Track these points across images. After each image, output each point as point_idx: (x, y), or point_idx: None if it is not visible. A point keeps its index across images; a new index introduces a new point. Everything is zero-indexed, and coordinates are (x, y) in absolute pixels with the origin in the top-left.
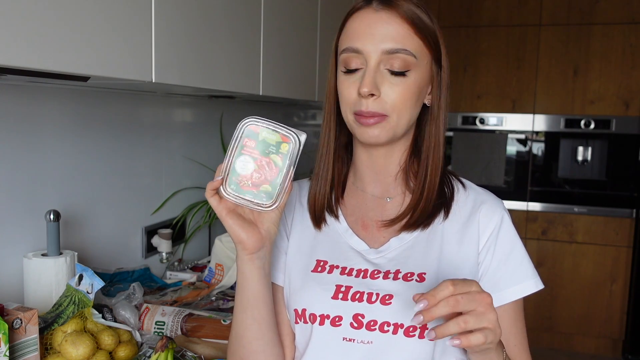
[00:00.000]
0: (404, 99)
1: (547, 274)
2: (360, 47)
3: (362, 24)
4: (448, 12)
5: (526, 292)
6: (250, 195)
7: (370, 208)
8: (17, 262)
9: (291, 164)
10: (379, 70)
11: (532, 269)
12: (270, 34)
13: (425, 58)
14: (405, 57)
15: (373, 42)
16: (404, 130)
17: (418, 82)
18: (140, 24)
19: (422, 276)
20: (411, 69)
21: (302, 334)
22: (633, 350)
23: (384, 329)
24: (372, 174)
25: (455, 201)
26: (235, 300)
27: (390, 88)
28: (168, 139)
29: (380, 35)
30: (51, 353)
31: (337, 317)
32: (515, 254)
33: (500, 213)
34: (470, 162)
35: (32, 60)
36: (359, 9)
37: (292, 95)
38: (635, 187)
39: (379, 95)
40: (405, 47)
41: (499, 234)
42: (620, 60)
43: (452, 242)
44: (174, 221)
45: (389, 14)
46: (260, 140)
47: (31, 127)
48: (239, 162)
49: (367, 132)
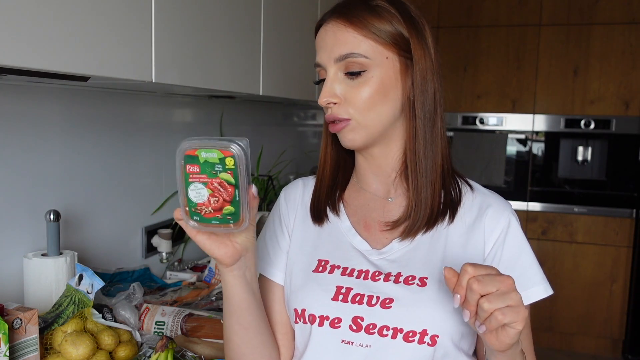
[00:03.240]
0: (364, 98)
1: (547, 274)
2: (319, 61)
3: (319, 39)
4: (448, 12)
5: (534, 298)
6: (216, 221)
7: (373, 208)
8: (17, 262)
9: (244, 175)
10: (337, 77)
11: (541, 274)
12: (270, 34)
13: (382, 54)
14: (356, 60)
15: (325, 53)
16: (379, 129)
17: (378, 80)
18: (140, 24)
19: (423, 280)
20: (367, 69)
21: (302, 334)
22: (633, 350)
23: (382, 333)
24: (372, 174)
25: (461, 205)
26: (223, 306)
27: (349, 91)
28: (168, 139)
29: (329, 46)
30: (51, 353)
31: (337, 318)
32: (524, 259)
33: (507, 217)
34: (470, 162)
35: (32, 60)
36: (319, 27)
37: (292, 95)
38: (635, 187)
39: (340, 101)
40: (353, 51)
41: (506, 239)
42: (620, 60)
43: (457, 246)
44: (174, 221)
45: (335, 24)
46: (202, 163)
47: (31, 127)
48: (191, 192)
49: (342, 137)
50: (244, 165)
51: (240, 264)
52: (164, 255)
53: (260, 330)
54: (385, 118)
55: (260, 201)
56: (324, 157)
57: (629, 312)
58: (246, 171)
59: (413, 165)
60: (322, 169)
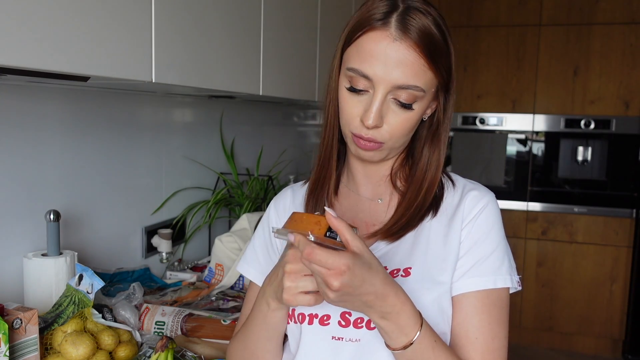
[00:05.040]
0: (403, 129)
1: (547, 274)
2: (371, 75)
3: (376, 50)
4: (448, 12)
5: (480, 286)
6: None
7: (361, 209)
8: (17, 262)
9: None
10: (386, 101)
11: (501, 264)
12: (270, 34)
13: (434, 86)
14: (415, 92)
15: (385, 73)
16: (398, 152)
17: (421, 112)
18: (140, 24)
19: (407, 271)
20: (417, 100)
21: (293, 334)
22: (633, 350)
23: (370, 326)
24: (364, 177)
25: (443, 200)
26: (259, 333)
27: (394, 118)
28: (168, 139)
29: (393, 68)
30: (51, 353)
31: (325, 315)
32: (487, 245)
33: (485, 201)
34: (470, 162)
35: (32, 60)
36: (375, 28)
37: (292, 95)
38: (635, 187)
39: (381, 126)
40: (417, 84)
41: (477, 219)
42: (620, 60)
43: (439, 236)
44: (174, 221)
45: (406, 45)
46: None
47: (31, 127)
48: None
49: (362, 152)
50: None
51: None
52: (164, 255)
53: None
54: (407, 143)
55: (260, 202)
56: (328, 163)
57: (629, 312)
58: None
59: (412, 171)
60: (324, 172)
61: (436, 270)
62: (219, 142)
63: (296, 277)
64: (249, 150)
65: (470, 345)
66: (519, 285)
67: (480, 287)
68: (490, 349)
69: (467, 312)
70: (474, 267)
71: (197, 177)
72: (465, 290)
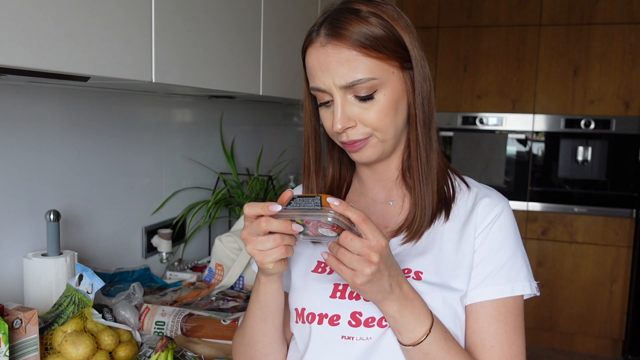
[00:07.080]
0: (380, 118)
1: (547, 274)
2: (322, 87)
3: (315, 63)
4: (448, 12)
5: (497, 295)
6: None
7: (373, 212)
8: (17, 262)
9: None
10: (346, 101)
11: (518, 271)
12: (270, 34)
13: (388, 70)
14: (366, 84)
15: (330, 79)
16: (393, 143)
17: (390, 96)
18: (140, 24)
19: (418, 274)
20: (377, 89)
21: (302, 333)
22: (633, 350)
23: (382, 324)
24: (374, 181)
25: (455, 202)
26: (254, 312)
27: (364, 113)
28: (168, 139)
29: (334, 72)
30: (51, 353)
31: (335, 315)
32: (502, 253)
33: (500, 207)
34: (470, 162)
35: (32, 60)
36: (309, 43)
37: (292, 95)
38: (635, 187)
39: (355, 124)
40: (362, 76)
41: (492, 227)
42: (620, 60)
43: (452, 241)
44: (174, 221)
45: (333, 46)
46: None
47: (31, 127)
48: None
49: (358, 155)
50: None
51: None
52: (164, 255)
53: (282, 329)
54: (399, 130)
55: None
56: (332, 170)
57: (629, 312)
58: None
59: (415, 171)
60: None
61: (448, 276)
62: (219, 142)
63: (250, 240)
64: (248, 150)
65: (487, 353)
66: (537, 291)
67: (497, 295)
68: (507, 356)
69: (483, 321)
70: (490, 275)
71: (197, 177)
72: (481, 299)
